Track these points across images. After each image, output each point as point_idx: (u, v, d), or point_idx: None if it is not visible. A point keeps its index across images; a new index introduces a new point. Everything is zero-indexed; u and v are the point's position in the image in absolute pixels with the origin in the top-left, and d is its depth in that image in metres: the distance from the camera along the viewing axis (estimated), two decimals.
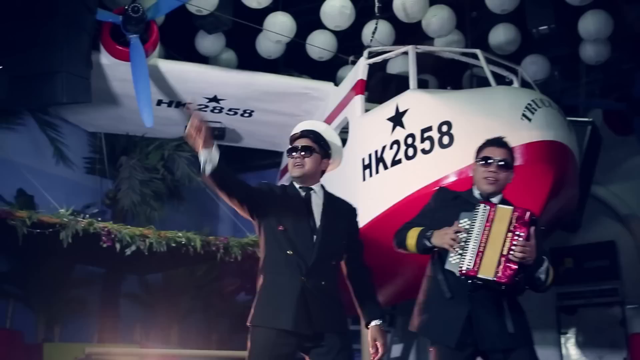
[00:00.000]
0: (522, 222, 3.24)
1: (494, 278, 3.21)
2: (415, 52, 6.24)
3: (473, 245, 3.26)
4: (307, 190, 3.63)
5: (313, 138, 3.65)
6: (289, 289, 3.42)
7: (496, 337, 3.31)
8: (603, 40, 8.32)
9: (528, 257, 3.21)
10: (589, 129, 7.43)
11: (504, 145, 3.58)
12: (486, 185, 3.47)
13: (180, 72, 6.94)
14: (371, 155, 6.01)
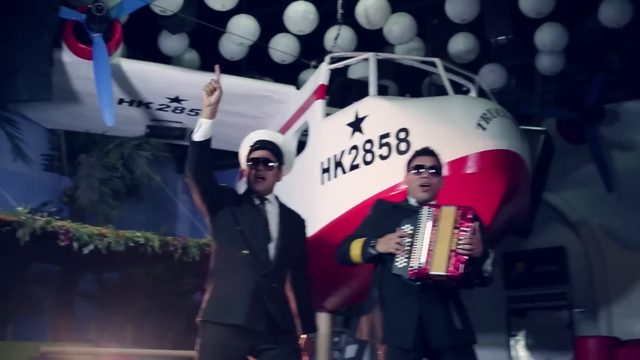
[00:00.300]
0: (466, 218, 3.45)
1: (445, 273, 3.38)
2: (376, 59, 6.36)
3: (421, 245, 3.45)
4: (262, 200, 3.76)
5: (272, 150, 3.78)
6: (244, 286, 3.52)
7: (446, 334, 3.49)
8: (558, 51, 8.58)
9: (475, 249, 3.41)
10: (542, 137, 7.65)
11: (432, 153, 3.85)
12: (421, 192, 3.70)
13: (142, 72, 6.94)
14: (330, 159, 6.10)
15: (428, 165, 3.75)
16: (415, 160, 3.81)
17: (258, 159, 3.74)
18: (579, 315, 9.20)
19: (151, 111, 7.51)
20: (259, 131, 4.03)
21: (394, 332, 3.52)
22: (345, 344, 9.24)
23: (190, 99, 7.26)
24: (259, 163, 3.73)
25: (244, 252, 3.56)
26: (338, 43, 7.40)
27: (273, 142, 3.84)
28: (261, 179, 3.72)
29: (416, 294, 3.51)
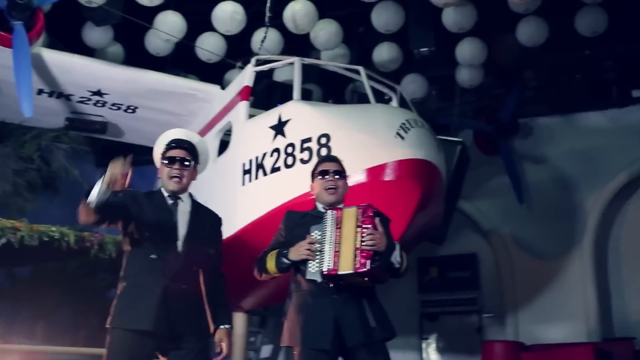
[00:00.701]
0: (367, 215, 3.59)
1: (353, 270, 3.51)
2: (301, 63, 6.45)
3: (329, 248, 3.58)
4: (175, 199, 3.76)
5: (188, 149, 3.79)
6: (151, 291, 3.54)
7: (361, 333, 3.60)
8: (477, 66, 8.88)
9: (378, 244, 3.55)
10: (458, 148, 7.89)
11: (335, 159, 4.03)
12: (328, 195, 3.84)
13: (64, 63, 6.80)
14: (252, 161, 6.15)
15: (332, 170, 3.89)
16: (319, 167, 3.95)
17: (174, 158, 3.75)
18: (487, 320, 9.53)
19: (71, 103, 7.36)
20: (174, 130, 4.02)
21: (312, 334, 3.63)
22: (260, 344, 9.30)
23: (112, 93, 7.17)
24: (175, 162, 3.74)
25: (152, 256, 3.59)
26: (265, 46, 7.44)
27: (189, 142, 3.85)
28: (177, 178, 3.72)
29: (331, 296, 3.63)
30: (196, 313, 3.66)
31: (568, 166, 9.61)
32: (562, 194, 9.54)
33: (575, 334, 8.64)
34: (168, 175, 3.73)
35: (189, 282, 3.65)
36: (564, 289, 9.14)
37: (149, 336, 3.49)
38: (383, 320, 3.73)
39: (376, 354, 3.63)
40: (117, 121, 7.76)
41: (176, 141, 3.83)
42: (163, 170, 3.77)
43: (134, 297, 3.56)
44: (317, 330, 3.61)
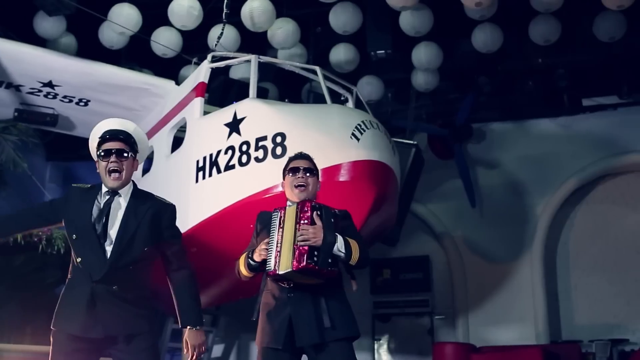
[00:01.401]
0: (303, 211, 3.58)
1: (291, 269, 3.50)
2: (257, 61, 6.40)
3: (273, 248, 3.58)
4: (112, 195, 3.56)
5: (125, 140, 3.57)
6: (79, 295, 3.44)
7: (314, 332, 3.55)
8: (433, 70, 8.93)
9: (313, 238, 3.51)
10: (413, 150, 7.94)
11: (307, 157, 3.97)
12: (298, 192, 3.78)
13: (15, 53, 6.61)
14: (206, 158, 6.08)
15: (303, 167, 3.85)
16: (290, 164, 3.91)
17: (110, 150, 3.51)
18: (439, 322, 9.62)
19: (21, 94, 7.18)
20: (106, 121, 3.72)
21: (269, 333, 3.63)
22: (212, 344, 9.21)
23: (64, 85, 7.01)
24: (111, 154, 3.50)
25: (78, 259, 3.47)
26: (221, 42, 7.36)
27: (125, 131, 3.60)
28: (116, 173, 3.49)
29: (287, 295, 3.63)
30: (130, 312, 3.48)
31: (520, 171, 9.77)
32: (514, 198, 9.69)
33: (524, 336, 8.78)
34: (106, 170, 3.50)
35: (121, 282, 3.45)
36: (514, 292, 9.28)
37: (82, 340, 3.41)
38: (342, 319, 3.65)
39: (331, 355, 3.57)
40: (68, 114, 7.60)
41: (110, 132, 3.58)
42: (100, 165, 3.53)
43: (67, 300, 3.49)
44: (272, 329, 3.61)
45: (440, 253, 9.96)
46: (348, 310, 3.73)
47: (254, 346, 9.73)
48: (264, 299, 3.75)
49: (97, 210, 3.52)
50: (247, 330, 9.70)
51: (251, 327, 3.76)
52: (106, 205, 3.53)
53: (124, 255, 3.48)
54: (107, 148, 3.52)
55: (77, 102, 7.34)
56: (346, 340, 3.64)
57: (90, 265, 3.44)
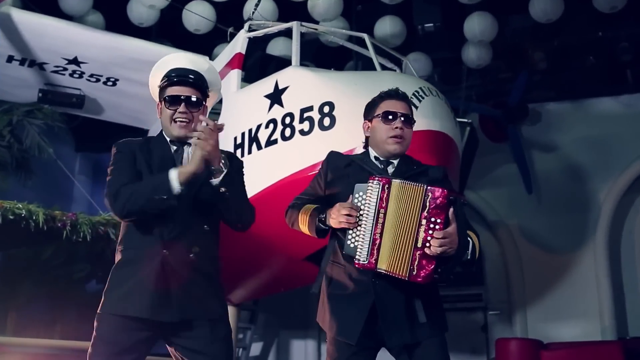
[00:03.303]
0: (438, 204, 2.70)
1: (407, 277, 2.72)
2: (299, 29, 5.84)
3: (364, 234, 2.78)
4: (181, 145, 2.94)
5: (196, 83, 2.93)
6: (146, 265, 2.77)
7: (406, 331, 2.85)
8: (486, 43, 8.36)
9: (449, 249, 2.69)
10: (467, 129, 7.32)
11: (405, 98, 3.15)
12: (393, 144, 3.02)
13: (36, 26, 6.12)
14: (244, 134, 5.53)
15: (401, 113, 3.06)
16: (383, 105, 3.09)
17: (178, 97, 2.89)
18: (493, 318, 8.98)
19: (45, 73, 6.73)
20: (175, 55, 3.05)
21: (341, 323, 2.92)
22: (250, 342, 8.68)
23: (90, 61, 6.52)
24: (179, 102, 2.88)
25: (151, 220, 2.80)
26: (258, 11, 6.80)
27: (197, 72, 2.96)
28: (184, 123, 2.88)
29: (370, 279, 2.88)
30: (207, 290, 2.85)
31: (579, 155, 9.08)
32: (574, 184, 9.00)
33: (589, 332, 8.11)
34: (170, 119, 2.90)
35: (198, 247, 2.84)
36: (576, 285, 8.59)
37: (145, 323, 2.75)
38: (437, 312, 2.95)
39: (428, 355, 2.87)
40: (95, 95, 7.13)
41: (178, 72, 2.93)
42: (164, 112, 2.93)
43: (126, 274, 2.80)
44: (346, 317, 2.89)
45: (494, 244, 9.27)
46: (440, 301, 3.04)
47: (295, 344, 9.31)
48: (333, 272, 3.00)
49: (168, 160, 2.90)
50: (287, 326, 9.18)
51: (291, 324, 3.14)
52: (177, 155, 2.92)
53: (197, 209, 2.84)
54: (174, 94, 2.90)
55: (104, 81, 6.87)
56: (441, 336, 2.96)
57: (164, 223, 2.80)
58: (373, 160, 3.09)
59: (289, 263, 5.78)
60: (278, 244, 5.48)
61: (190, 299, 2.78)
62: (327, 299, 2.99)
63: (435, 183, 2.87)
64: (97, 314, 2.81)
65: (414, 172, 3.03)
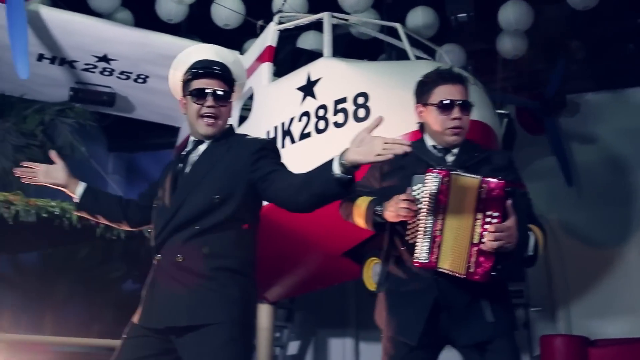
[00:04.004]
0: (495, 197, 2.54)
1: (464, 274, 2.56)
2: (331, 20, 5.72)
3: (425, 230, 2.60)
4: (197, 145, 2.81)
5: (222, 75, 2.76)
6: (153, 270, 2.71)
7: (476, 328, 2.69)
8: (521, 33, 8.16)
9: (508, 242, 2.53)
10: (505, 121, 7.14)
11: (461, 79, 2.91)
12: (452, 136, 2.84)
13: (65, 23, 6.11)
14: (277, 127, 5.44)
15: (459, 100, 2.83)
16: (438, 91, 2.86)
17: (203, 90, 2.73)
18: (535, 315, 8.73)
19: (76, 72, 6.74)
20: (198, 46, 2.91)
21: (400, 321, 2.77)
22: (287, 340, 8.59)
23: (120, 58, 6.52)
24: (206, 96, 2.72)
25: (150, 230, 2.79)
26: (288, 3, 6.69)
27: (223, 64, 2.79)
28: (212, 119, 2.73)
29: (432, 276, 2.71)
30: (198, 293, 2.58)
31: (620, 145, 8.79)
32: (615, 175, 8.72)
33: (636, 328, 7.76)
34: (198, 113, 2.74)
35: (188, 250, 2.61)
36: (621, 279, 8.30)
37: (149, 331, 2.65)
38: (505, 309, 2.78)
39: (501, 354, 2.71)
40: (126, 93, 7.13)
41: (203, 64, 2.76)
42: (190, 107, 2.77)
43: None
44: (406, 317, 2.74)
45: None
46: (509, 299, 2.86)
47: (332, 342, 9.18)
48: (395, 269, 2.83)
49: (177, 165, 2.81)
50: (324, 325, 9.05)
51: (329, 322, 2.99)
52: (185, 157, 2.79)
53: (188, 207, 2.64)
54: (200, 87, 2.73)
55: (135, 78, 6.86)
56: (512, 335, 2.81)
57: (156, 229, 2.71)
58: (430, 150, 2.90)
59: (326, 259, 5.66)
60: (315, 240, 5.37)
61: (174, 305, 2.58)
62: (386, 296, 2.85)
63: (500, 171, 2.71)
64: None
65: (476, 160, 2.85)
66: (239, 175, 2.68)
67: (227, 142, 2.78)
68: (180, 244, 2.63)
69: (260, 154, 2.72)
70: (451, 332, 2.71)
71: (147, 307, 2.66)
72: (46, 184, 3.01)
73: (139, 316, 2.70)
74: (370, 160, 2.33)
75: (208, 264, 2.61)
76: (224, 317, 2.55)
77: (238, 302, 2.61)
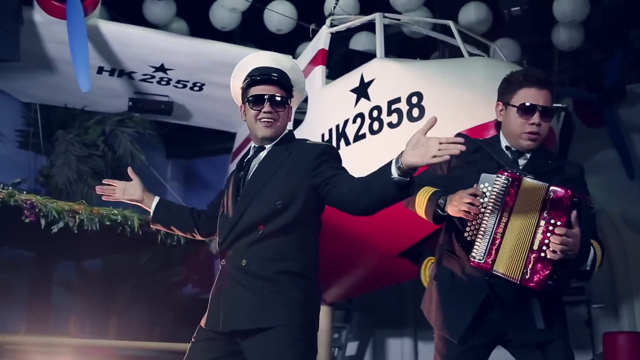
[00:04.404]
0: (560, 206, 2.52)
1: (519, 280, 2.56)
2: (382, 21, 5.73)
3: (486, 230, 2.60)
4: (257, 151, 2.90)
5: (280, 81, 2.84)
6: (218, 275, 2.80)
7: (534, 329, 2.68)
8: (577, 24, 8.01)
9: (570, 251, 2.52)
10: (562, 114, 7.01)
11: (547, 85, 2.83)
12: (527, 141, 2.80)
13: (123, 35, 6.25)
14: (332, 130, 5.48)
15: (541, 106, 2.77)
16: (522, 93, 2.81)
17: (262, 96, 2.81)
18: (598, 311, 8.56)
19: (134, 82, 6.89)
20: (256, 54, 2.98)
21: (447, 318, 2.79)
22: (345, 341, 8.62)
23: (177, 67, 6.63)
24: (264, 102, 2.80)
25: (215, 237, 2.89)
26: (340, 6, 6.72)
27: (280, 70, 2.87)
28: (270, 123, 2.81)
29: (484, 276, 2.71)
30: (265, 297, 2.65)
31: None
32: None
33: None
34: (256, 118, 2.83)
35: (253, 253, 2.70)
36: None
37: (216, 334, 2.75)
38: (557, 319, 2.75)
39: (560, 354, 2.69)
40: (183, 101, 7.26)
41: (261, 71, 2.84)
42: (248, 112, 2.86)
43: None
44: (453, 313, 2.75)
45: None
46: (562, 308, 2.85)
47: (391, 342, 9.16)
48: (445, 263, 2.83)
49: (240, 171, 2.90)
50: (382, 325, 9.06)
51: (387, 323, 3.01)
52: (247, 163, 2.89)
53: (254, 209, 2.73)
54: (258, 93, 2.81)
55: (191, 86, 6.97)
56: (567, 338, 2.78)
57: (222, 232, 2.80)
58: (504, 150, 2.88)
59: (382, 259, 5.68)
60: (372, 240, 5.39)
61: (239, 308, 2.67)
62: (436, 290, 2.85)
63: (570, 182, 2.71)
64: None
65: (548, 168, 2.83)
66: (301, 180, 2.74)
67: (288, 148, 2.84)
68: (244, 248, 2.71)
69: (322, 159, 2.78)
70: (506, 331, 2.70)
71: (213, 311, 2.75)
72: (124, 200, 3.21)
73: (205, 320, 2.79)
74: (427, 162, 2.36)
75: (271, 268, 2.67)
76: (287, 320, 2.62)
77: (301, 305, 2.66)
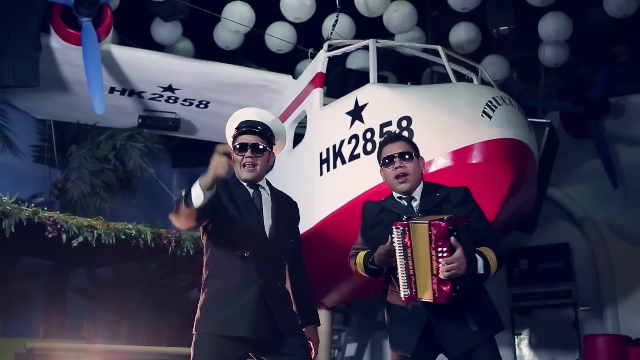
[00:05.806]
0: (441, 236, 3.02)
1: (432, 300, 3.06)
2: (376, 46, 6.14)
3: (403, 270, 3.10)
4: (256, 188, 3.41)
5: (261, 133, 3.38)
6: (246, 293, 3.21)
7: (461, 339, 3.17)
8: (562, 42, 8.35)
9: (457, 270, 3.00)
10: (546, 130, 7.40)
11: (399, 138, 3.48)
12: (400, 184, 3.34)
13: (134, 59, 6.70)
14: (329, 149, 5.88)
15: (398, 153, 3.36)
16: (383, 152, 3.42)
17: (245, 144, 3.33)
18: (584, 314, 8.96)
19: (144, 101, 7.30)
20: (243, 110, 3.49)
21: (400, 338, 3.30)
22: (345, 343, 9.01)
23: (183, 87, 7.05)
24: (246, 149, 3.33)
25: (245, 254, 3.25)
26: (336, 31, 7.13)
27: (262, 123, 3.41)
28: (251, 167, 3.34)
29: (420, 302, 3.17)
30: (292, 311, 3.44)
31: None
32: None
33: None
34: (240, 163, 3.34)
35: (282, 278, 3.41)
36: None
37: (245, 342, 3.19)
38: (486, 317, 3.24)
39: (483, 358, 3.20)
40: (190, 117, 7.67)
41: (246, 124, 3.39)
42: (235, 158, 3.33)
43: (227, 300, 3.22)
44: (404, 331, 3.27)
45: (581, 239, 9.26)
46: (490, 304, 3.32)
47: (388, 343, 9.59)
48: (392, 299, 3.34)
49: (249, 202, 3.38)
50: (380, 328, 9.46)
51: (384, 325, 3.48)
52: (256, 197, 3.41)
53: (282, 248, 3.41)
54: (242, 142, 3.35)
55: (197, 104, 7.38)
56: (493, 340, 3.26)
57: (258, 258, 3.28)
58: (399, 201, 3.37)
59: None
60: None
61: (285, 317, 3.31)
62: (390, 321, 3.37)
63: (458, 206, 3.24)
64: (195, 335, 3.23)
65: (437, 200, 3.31)
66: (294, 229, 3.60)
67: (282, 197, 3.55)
68: (275, 273, 3.36)
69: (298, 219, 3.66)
70: (442, 344, 3.21)
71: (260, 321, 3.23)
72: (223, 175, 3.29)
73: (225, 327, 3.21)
74: None
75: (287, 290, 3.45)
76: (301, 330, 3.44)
77: None
